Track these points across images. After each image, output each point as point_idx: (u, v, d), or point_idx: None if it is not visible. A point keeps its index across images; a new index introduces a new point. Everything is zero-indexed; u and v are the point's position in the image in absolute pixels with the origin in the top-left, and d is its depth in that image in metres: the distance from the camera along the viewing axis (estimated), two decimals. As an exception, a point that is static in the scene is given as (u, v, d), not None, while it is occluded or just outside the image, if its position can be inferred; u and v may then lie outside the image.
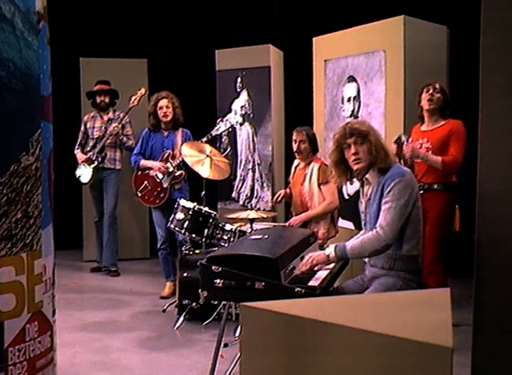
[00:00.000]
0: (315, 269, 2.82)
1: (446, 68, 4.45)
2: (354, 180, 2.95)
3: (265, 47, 5.54)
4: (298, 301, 1.96)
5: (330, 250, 2.75)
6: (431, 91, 3.89)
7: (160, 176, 4.96)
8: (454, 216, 3.93)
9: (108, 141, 5.59)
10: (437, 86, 3.90)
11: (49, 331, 2.06)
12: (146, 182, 5.02)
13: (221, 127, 5.11)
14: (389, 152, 2.85)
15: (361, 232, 3.06)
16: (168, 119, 4.97)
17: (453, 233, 3.95)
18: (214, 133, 5.05)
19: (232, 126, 5.44)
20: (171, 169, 4.92)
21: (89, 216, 6.21)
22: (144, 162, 5.03)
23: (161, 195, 4.96)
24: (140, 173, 5.08)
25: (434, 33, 4.36)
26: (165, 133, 5.04)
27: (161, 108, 4.94)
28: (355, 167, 2.81)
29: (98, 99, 5.74)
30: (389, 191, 2.69)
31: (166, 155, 4.98)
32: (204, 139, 4.90)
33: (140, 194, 5.05)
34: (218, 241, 4.29)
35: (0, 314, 1.84)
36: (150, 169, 5.01)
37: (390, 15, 4.33)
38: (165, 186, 4.96)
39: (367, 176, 2.81)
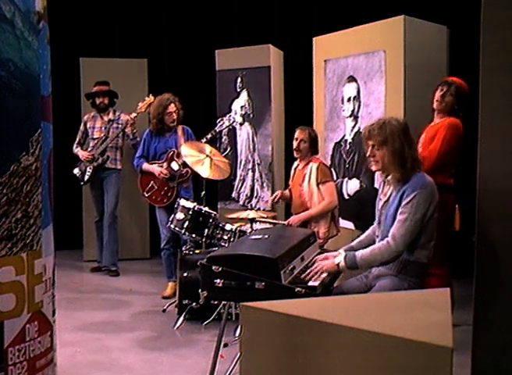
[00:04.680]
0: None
1: (446, 68, 4.44)
2: (354, 179, 2.95)
3: (265, 47, 5.53)
4: (298, 301, 1.97)
5: (340, 259, 2.76)
6: (444, 91, 3.83)
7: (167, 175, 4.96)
8: (454, 216, 3.92)
9: (111, 143, 5.61)
10: (452, 88, 3.81)
11: (49, 331, 2.06)
12: (152, 182, 5.02)
13: (225, 123, 5.13)
14: (412, 160, 2.72)
15: (369, 229, 3.06)
16: (175, 122, 5.01)
17: (453, 233, 3.94)
18: (218, 129, 5.08)
19: (234, 121, 5.46)
20: (177, 168, 4.92)
21: (89, 216, 6.20)
22: (146, 167, 5.04)
23: (169, 194, 4.96)
24: (145, 174, 5.08)
25: (434, 33, 4.36)
26: (167, 134, 5.05)
27: (170, 114, 4.95)
28: (372, 168, 2.85)
29: (97, 100, 5.75)
30: (408, 203, 2.67)
31: (171, 154, 4.98)
32: (209, 136, 4.91)
33: (147, 195, 5.05)
34: (218, 241, 4.28)
35: (0, 314, 1.84)
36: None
37: (390, 15, 4.32)
38: (171, 185, 4.97)
39: (389, 177, 2.81)
